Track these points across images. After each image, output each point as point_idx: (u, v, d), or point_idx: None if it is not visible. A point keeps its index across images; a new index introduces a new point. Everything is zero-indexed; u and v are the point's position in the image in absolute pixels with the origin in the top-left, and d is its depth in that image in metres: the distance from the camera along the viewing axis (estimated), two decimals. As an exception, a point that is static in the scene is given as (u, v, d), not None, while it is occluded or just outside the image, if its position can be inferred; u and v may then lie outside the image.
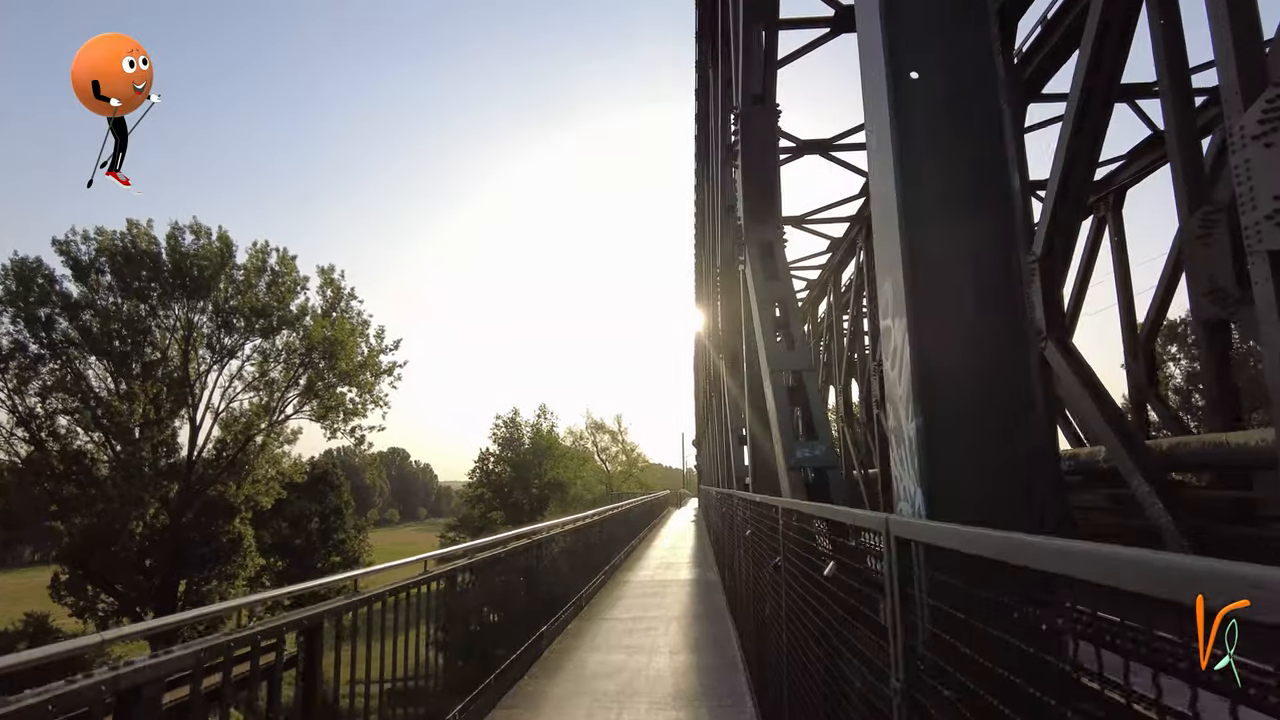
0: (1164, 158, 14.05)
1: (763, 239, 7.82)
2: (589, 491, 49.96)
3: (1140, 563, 0.86)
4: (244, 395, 35.16)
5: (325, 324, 35.66)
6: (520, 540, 7.22)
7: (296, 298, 36.25)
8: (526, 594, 7.16)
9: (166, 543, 31.21)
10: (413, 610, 4.59)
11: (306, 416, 35.94)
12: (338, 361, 35.46)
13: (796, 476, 5.78)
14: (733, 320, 10.95)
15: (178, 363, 33.86)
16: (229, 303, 34.53)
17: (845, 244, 21.83)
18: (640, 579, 12.33)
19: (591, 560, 10.80)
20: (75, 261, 32.51)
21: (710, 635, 7.58)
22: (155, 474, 30.40)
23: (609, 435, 66.10)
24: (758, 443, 7.35)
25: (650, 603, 9.64)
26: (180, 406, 33.99)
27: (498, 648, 6.19)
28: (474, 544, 7.30)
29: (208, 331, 34.60)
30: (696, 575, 12.55)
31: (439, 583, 5.12)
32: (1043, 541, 1.11)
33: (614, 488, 56.79)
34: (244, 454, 33.60)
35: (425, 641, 4.73)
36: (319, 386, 35.44)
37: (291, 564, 38.94)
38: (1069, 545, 1.04)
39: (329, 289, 37.09)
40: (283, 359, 35.39)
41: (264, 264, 35.95)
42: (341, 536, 42.15)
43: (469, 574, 5.91)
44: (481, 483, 44.31)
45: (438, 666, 5.00)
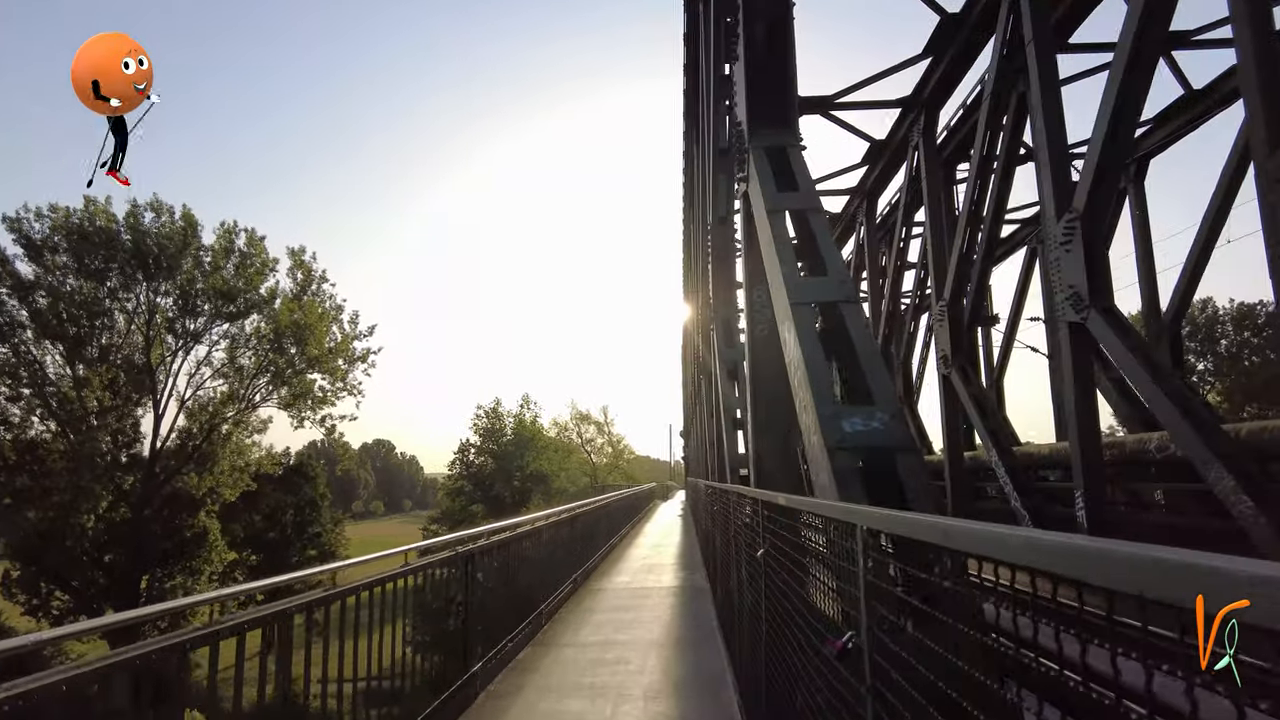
0: (1200, 117, 12.89)
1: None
2: (573, 484, 48.30)
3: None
4: (213, 383, 33.55)
5: (295, 307, 33.88)
6: (446, 551, 5.56)
7: (266, 280, 34.50)
8: (463, 619, 5.52)
9: (127, 537, 29.52)
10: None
11: (274, 405, 34.27)
12: (307, 347, 33.70)
13: (848, 460, 3.70)
14: (727, 287, 9.44)
15: (141, 347, 31.94)
16: (195, 285, 32.70)
17: (845, 219, 20.29)
18: (617, 585, 10.74)
19: (558, 567, 9.23)
20: (28, 240, 30.45)
21: (698, 670, 5.98)
22: (110, 465, 28.49)
23: (595, 426, 64.56)
24: (771, 422, 5.68)
25: (626, 619, 8.03)
26: (143, 394, 32.09)
27: (414, 697, 4.56)
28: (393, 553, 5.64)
29: (172, 315, 32.69)
30: (682, 580, 11.00)
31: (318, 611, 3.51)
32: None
33: (599, 480, 55.10)
34: (209, 444, 31.95)
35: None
36: (287, 373, 33.64)
37: (266, 558, 37.32)
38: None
39: (299, 271, 35.28)
40: (252, 344, 33.64)
41: (231, 245, 34.09)
42: (317, 530, 40.40)
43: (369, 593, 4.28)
44: (461, 475, 42.70)
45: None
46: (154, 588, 31.09)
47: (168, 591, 31.12)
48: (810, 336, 4.35)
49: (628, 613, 8.40)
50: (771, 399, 5.46)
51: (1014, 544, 1.08)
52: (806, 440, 4.06)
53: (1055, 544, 0.95)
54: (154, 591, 31.00)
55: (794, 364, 4.39)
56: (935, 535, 1.38)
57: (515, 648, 6.63)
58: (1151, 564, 0.76)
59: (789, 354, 4.53)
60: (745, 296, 5.56)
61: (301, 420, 34.58)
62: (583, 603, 9.18)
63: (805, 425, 4.13)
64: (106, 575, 29.98)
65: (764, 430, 5.40)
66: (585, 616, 8.26)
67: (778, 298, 4.85)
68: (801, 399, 4.11)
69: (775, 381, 5.30)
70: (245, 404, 33.51)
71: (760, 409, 5.44)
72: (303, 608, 3.61)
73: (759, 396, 5.48)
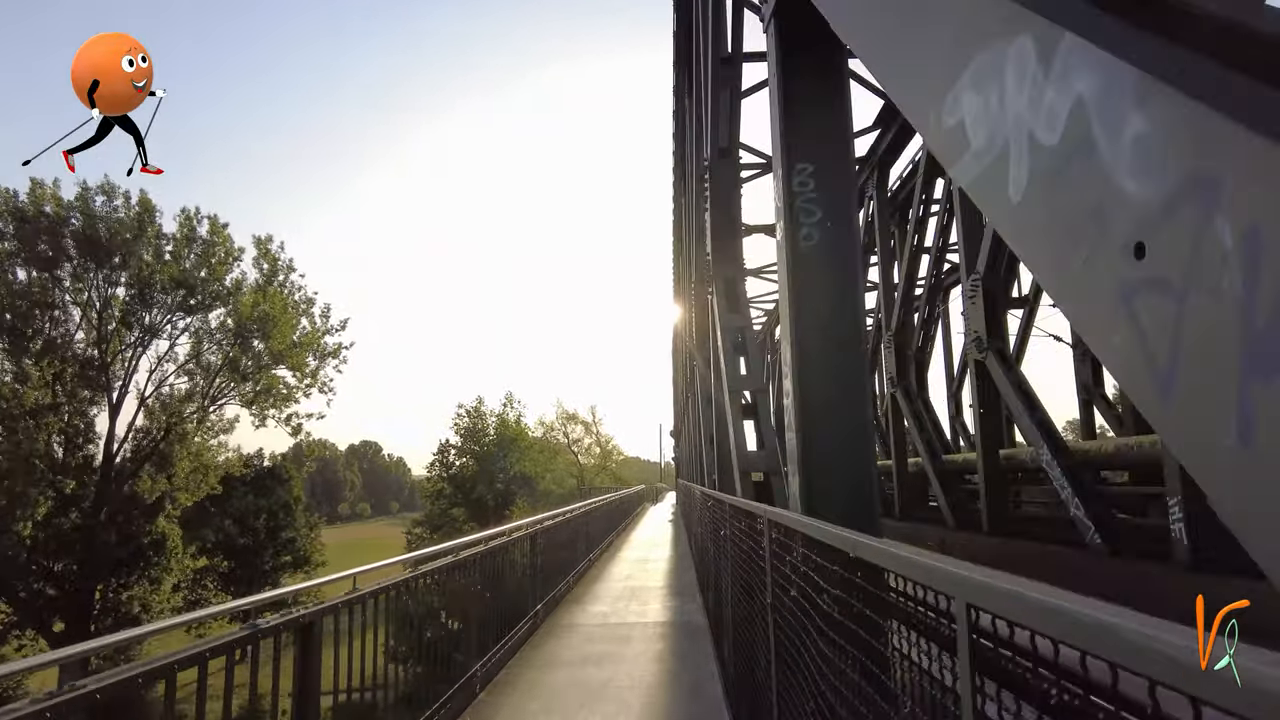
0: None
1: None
2: (560, 486, 46.12)
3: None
4: (177, 380, 31.13)
5: (259, 298, 31.53)
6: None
7: (230, 270, 32.12)
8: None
9: (79, 545, 27.04)
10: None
11: (237, 402, 31.85)
12: (271, 340, 31.29)
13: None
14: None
15: (94, 341, 29.41)
16: (154, 276, 30.16)
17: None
18: (591, 620, 8.54)
19: (509, 602, 7.02)
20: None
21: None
22: (51, 467, 26.03)
23: (582, 426, 62.12)
24: (829, 396, 3.55)
25: (595, 682, 5.82)
26: (95, 391, 29.51)
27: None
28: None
29: (128, 308, 30.08)
30: (673, 613, 8.79)
31: None
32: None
33: (586, 482, 52.77)
34: (166, 445, 29.56)
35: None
36: (248, 367, 31.23)
37: (237, 565, 35.16)
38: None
39: (265, 260, 32.90)
40: (215, 339, 31.36)
41: (194, 233, 31.55)
42: (291, 535, 37.94)
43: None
44: (441, 477, 40.12)
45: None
46: (108, 599, 28.68)
47: (123, 603, 28.77)
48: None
49: (600, 667, 6.18)
50: (838, 350, 3.35)
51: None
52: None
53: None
54: (108, 604, 28.68)
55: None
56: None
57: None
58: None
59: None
60: (780, 181, 3.44)
61: (264, 419, 32.21)
62: (541, 649, 6.93)
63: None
64: (55, 586, 27.51)
65: (817, 409, 3.27)
66: (540, 677, 5.97)
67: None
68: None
69: (834, 318, 3.25)
70: (207, 400, 31.23)
71: (811, 372, 3.31)
72: None
73: (808, 351, 3.35)
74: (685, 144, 17.29)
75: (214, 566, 34.33)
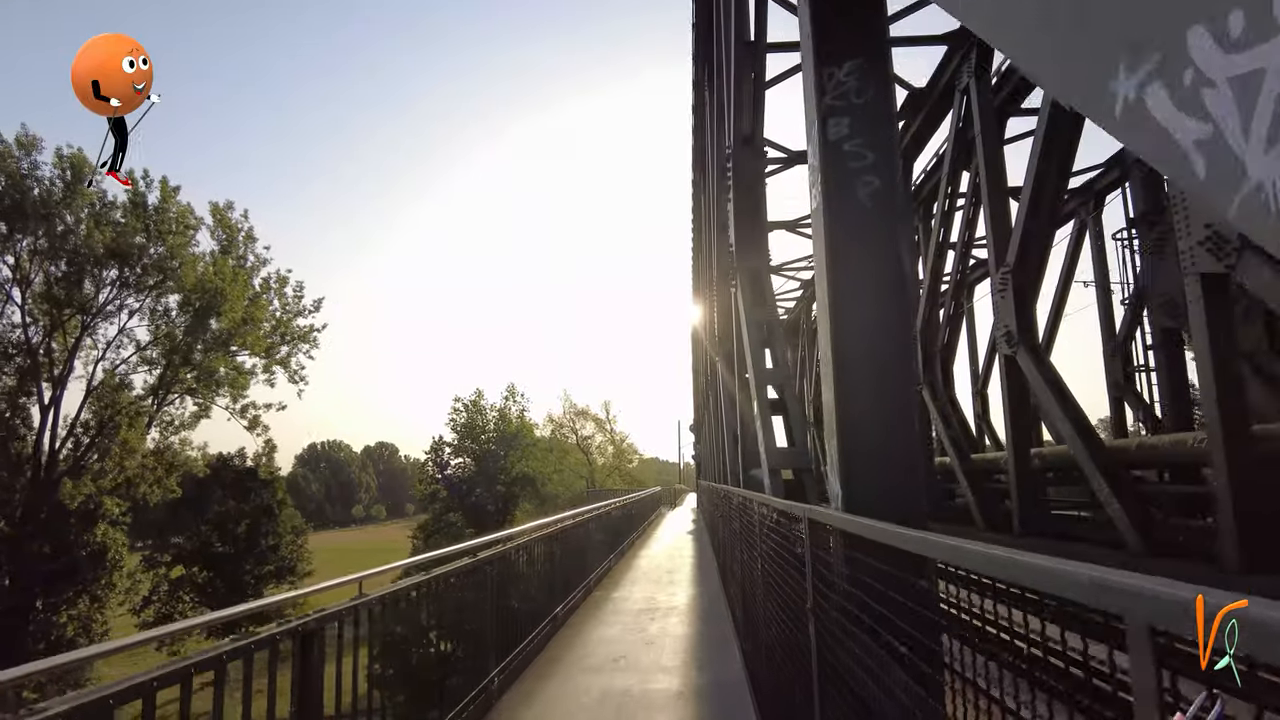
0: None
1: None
2: (568, 488, 43.35)
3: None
4: (133, 370, 28.18)
5: (206, 268, 27.88)
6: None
7: (189, 243, 28.44)
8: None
9: (6, 557, 24.54)
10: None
11: (177, 390, 28.59)
12: (221, 318, 27.84)
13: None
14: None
15: (16, 322, 26.14)
16: (93, 246, 26.55)
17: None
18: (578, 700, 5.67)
19: (478, 639, 5.59)
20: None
21: None
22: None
23: (593, 422, 60.46)
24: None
25: None
26: (24, 380, 26.27)
27: None
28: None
29: (56, 282, 26.38)
30: (706, 677, 5.99)
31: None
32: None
33: (595, 483, 49.62)
34: (102, 440, 26.87)
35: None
36: (187, 346, 27.58)
37: (216, 575, 32.39)
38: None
39: (222, 228, 29.21)
40: (173, 319, 28.21)
41: (141, 200, 27.82)
42: (273, 542, 34.74)
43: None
44: (434, 479, 38.00)
45: None
46: (38, 620, 25.54)
47: (57, 626, 25.81)
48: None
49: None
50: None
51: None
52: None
53: None
54: (38, 626, 25.56)
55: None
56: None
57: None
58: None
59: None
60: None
61: (207, 409, 29.06)
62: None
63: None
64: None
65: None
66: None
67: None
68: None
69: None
70: (161, 390, 28.07)
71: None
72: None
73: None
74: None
75: (191, 577, 31.76)
